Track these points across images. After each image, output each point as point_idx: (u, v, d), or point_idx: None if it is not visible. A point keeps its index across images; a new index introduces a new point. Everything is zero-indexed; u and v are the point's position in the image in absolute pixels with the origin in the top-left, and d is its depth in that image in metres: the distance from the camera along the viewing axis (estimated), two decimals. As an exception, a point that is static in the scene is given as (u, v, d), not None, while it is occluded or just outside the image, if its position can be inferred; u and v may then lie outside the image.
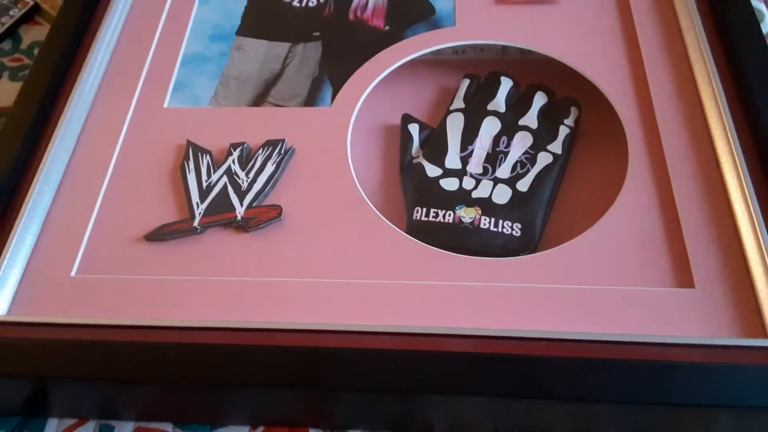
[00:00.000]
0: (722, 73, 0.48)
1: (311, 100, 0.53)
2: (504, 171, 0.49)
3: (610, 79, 0.50)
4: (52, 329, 0.41)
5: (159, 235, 0.45)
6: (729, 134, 0.44)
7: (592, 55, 0.52)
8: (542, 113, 0.52)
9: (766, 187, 0.43)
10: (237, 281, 0.42)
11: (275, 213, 0.45)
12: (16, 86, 0.63)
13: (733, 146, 0.44)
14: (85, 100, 0.52)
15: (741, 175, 0.43)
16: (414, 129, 0.52)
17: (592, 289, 0.40)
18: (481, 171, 0.49)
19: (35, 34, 0.68)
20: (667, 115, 0.47)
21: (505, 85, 0.53)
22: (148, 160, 0.49)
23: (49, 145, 0.48)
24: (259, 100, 0.53)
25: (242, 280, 0.42)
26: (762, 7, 0.62)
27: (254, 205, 0.46)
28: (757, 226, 0.41)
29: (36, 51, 0.66)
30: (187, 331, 0.40)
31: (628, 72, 0.50)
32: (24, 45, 0.67)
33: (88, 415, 0.45)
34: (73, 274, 0.44)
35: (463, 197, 0.48)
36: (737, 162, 0.43)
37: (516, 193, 0.48)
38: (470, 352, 0.38)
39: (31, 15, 0.69)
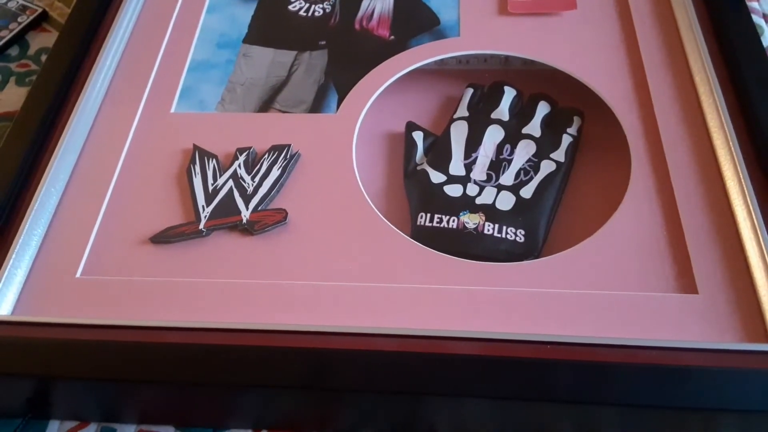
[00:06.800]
0: (723, 83, 0.49)
1: (317, 106, 0.53)
2: (508, 178, 0.49)
3: (612, 88, 0.51)
4: (57, 329, 0.41)
5: (164, 238, 0.45)
6: (730, 142, 0.45)
7: (595, 65, 0.52)
8: (545, 122, 0.52)
9: (767, 194, 0.43)
10: (242, 283, 0.43)
11: (280, 217, 0.46)
12: (23, 91, 0.63)
13: (734, 153, 0.44)
14: (93, 103, 0.52)
15: (742, 181, 0.43)
16: (418, 136, 0.53)
17: (596, 294, 0.41)
18: (484, 178, 0.50)
19: (42, 40, 0.68)
20: (668, 123, 0.48)
21: (509, 94, 0.53)
22: (154, 164, 0.50)
23: (57, 146, 0.49)
24: (265, 106, 0.54)
25: (247, 282, 0.43)
26: (762, 22, 0.63)
27: (260, 208, 0.46)
28: (759, 231, 0.41)
29: (43, 57, 0.66)
30: (191, 332, 0.40)
31: (631, 82, 0.51)
32: (31, 51, 0.67)
33: (91, 417, 0.45)
34: (78, 275, 0.44)
35: (466, 203, 0.48)
36: (738, 169, 0.44)
37: (519, 199, 0.48)
38: (475, 355, 0.38)
39: (39, 22, 0.70)
